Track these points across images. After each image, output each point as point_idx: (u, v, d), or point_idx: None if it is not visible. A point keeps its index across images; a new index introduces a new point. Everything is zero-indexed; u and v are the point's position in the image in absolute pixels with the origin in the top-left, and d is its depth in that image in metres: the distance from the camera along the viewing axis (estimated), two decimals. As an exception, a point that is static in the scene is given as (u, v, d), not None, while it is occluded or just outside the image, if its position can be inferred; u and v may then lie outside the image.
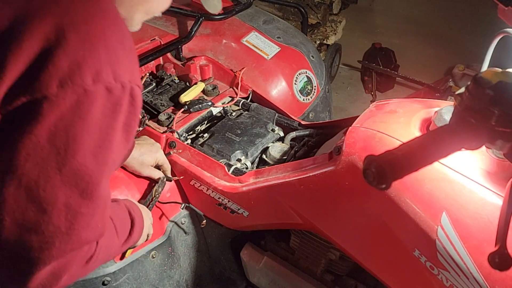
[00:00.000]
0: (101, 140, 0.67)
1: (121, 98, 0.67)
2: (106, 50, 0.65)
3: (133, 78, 0.70)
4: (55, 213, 0.66)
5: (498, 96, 0.57)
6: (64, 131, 0.63)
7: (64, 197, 0.66)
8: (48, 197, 0.65)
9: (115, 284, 1.24)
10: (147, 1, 0.82)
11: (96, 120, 0.65)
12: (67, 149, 0.64)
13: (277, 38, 1.75)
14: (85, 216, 0.69)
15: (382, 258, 1.02)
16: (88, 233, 0.71)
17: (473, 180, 0.85)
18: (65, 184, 0.66)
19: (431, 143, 0.56)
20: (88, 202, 0.69)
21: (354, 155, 0.97)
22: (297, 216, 1.15)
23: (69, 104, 0.62)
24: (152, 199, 1.22)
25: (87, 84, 0.63)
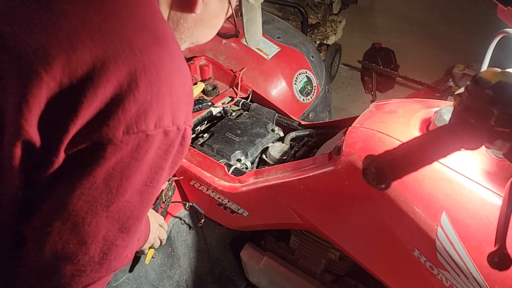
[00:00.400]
0: (149, 180, 0.69)
1: (174, 139, 0.69)
2: (170, 94, 0.66)
3: (187, 119, 0.71)
4: (93, 246, 0.67)
5: (497, 96, 0.57)
6: (120, 172, 0.64)
7: (105, 231, 0.67)
8: (91, 231, 0.66)
9: (115, 284, 1.24)
10: (195, 35, 0.86)
11: (150, 161, 0.67)
12: (119, 189, 0.65)
13: (277, 38, 1.75)
14: (119, 248, 0.71)
15: (381, 258, 1.02)
16: (118, 263, 0.73)
17: (472, 180, 0.85)
18: (109, 219, 0.67)
19: (431, 143, 0.56)
20: (125, 235, 0.70)
21: (354, 155, 0.97)
22: (297, 216, 1.15)
23: (131, 148, 0.64)
24: (162, 204, 1.22)
25: (150, 129, 0.64)
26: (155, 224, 1.12)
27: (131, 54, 0.63)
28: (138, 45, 0.64)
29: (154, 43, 0.66)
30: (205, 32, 0.88)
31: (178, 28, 0.84)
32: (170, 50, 0.68)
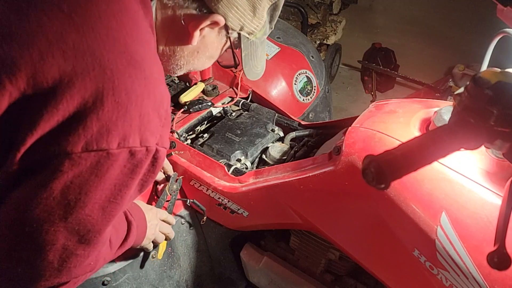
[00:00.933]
0: (112, 196, 0.68)
1: (143, 160, 0.68)
2: (139, 117, 0.66)
3: (161, 141, 0.71)
4: (51, 253, 0.68)
5: (497, 96, 0.57)
6: (78, 186, 0.64)
7: (64, 240, 0.68)
8: (49, 239, 0.67)
9: (115, 284, 1.24)
10: (191, 63, 0.87)
11: (113, 178, 0.66)
12: (77, 202, 0.66)
13: (277, 38, 1.75)
14: (79, 257, 0.71)
15: (381, 258, 1.02)
16: (79, 270, 0.73)
17: (472, 180, 0.85)
18: (68, 230, 0.67)
19: (430, 143, 0.56)
20: (85, 246, 0.71)
21: (354, 155, 0.97)
22: (296, 216, 1.15)
23: (90, 164, 0.64)
24: (169, 197, 1.22)
25: (111, 148, 0.64)
26: (154, 221, 1.11)
27: (101, 73, 0.63)
28: (111, 66, 0.64)
29: (129, 65, 0.66)
30: (202, 61, 0.89)
31: (175, 56, 0.84)
32: (146, 73, 0.68)
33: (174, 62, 0.86)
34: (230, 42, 0.87)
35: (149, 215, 1.08)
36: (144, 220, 1.04)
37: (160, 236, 1.16)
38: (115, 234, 0.89)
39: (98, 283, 1.22)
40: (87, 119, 0.62)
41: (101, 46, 0.65)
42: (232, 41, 0.88)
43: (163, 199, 1.22)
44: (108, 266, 1.21)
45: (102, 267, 1.19)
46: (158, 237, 1.15)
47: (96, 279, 1.21)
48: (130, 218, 0.97)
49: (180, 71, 0.89)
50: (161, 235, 1.16)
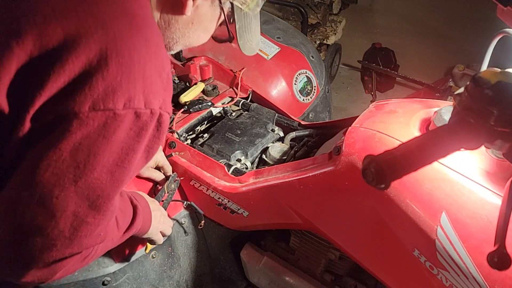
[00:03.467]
0: (120, 160, 0.69)
1: (148, 123, 0.70)
2: (142, 78, 0.68)
3: (164, 105, 0.72)
4: (62, 220, 0.68)
5: (497, 96, 0.57)
6: (87, 148, 0.65)
7: (74, 206, 0.68)
8: (59, 204, 0.67)
9: (115, 284, 1.24)
10: (187, 36, 0.87)
11: (120, 141, 0.68)
12: (86, 164, 0.66)
13: (277, 38, 1.75)
14: (90, 225, 0.71)
15: (381, 258, 1.02)
16: (89, 240, 0.73)
17: (472, 180, 0.85)
18: (78, 195, 0.68)
19: (430, 143, 0.56)
20: (96, 213, 0.71)
21: (354, 155, 0.97)
22: (296, 216, 1.15)
23: (97, 124, 0.65)
24: (164, 195, 1.22)
25: (118, 109, 0.65)
26: (158, 211, 1.11)
27: (104, 35, 0.65)
28: (114, 28, 0.66)
29: (131, 28, 0.68)
30: (197, 34, 0.89)
31: (170, 28, 0.85)
32: (147, 36, 0.70)
33: (169, 36, 0.86)
34: (223, 13, 0.88)
35: (153, 205, 1.08)
36: (148, 208, 1.04)
37: (167, 229, 1.16)
38: (122, 216, 0.90)
39: (98, 283, 1.22)
40: (92, 79, 0.64)
41: (102, 9, 0.67)
42: (226, 14, 0.88)
43: (160, 196, 1.21)
44: (108, 266, 1.22)
45: (102, 267, 1.20)
46: (165, 230, 1.15)
47: (96, 279, 1.21)
48: (135, 202, 0.98)
49: (176, 46, 0.89)
50: (168, 226, 1.16)
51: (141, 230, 1.02)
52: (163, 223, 1.14)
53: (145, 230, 1.04)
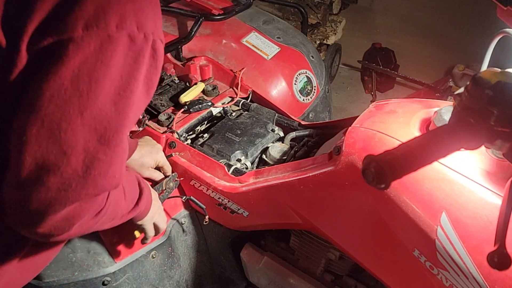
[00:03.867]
0: (122, 88, 0.69)
1: (143, 48, 0.70)
2: (131, 0, 0.68)
3: (156, 31, 0.72)
4: (74, 156, 0.68)
5: (497, 96, 0.57)
6: (87, 74, 0.65)
7: (83, 141, 0.68)
8: (68, 139, 0.67)
9: (115, 284, 1.24)
10: None
11: (118, 67, 0.68)
12: (89, 93, 0.66)
13: (277, 38, 1.75)
14: (102, 162, 0.71)
15: (381, 258, 1.02)
16: (104, 181, 0.72)
17: (472, 180, 0.85)
18: (85, 128, 0.67)
19: (430, 143, 0.56)
20: (106, 148, 0.70)
21: (354, 155, 0.97)
22: (297, 216, 1.15)
23: (93, 48, 0.65)
24: (162, 191, 1.22)
25: (111, 30, 0.66)
26: (157, 202, 1.11)
27: None
28: None
29: None
30: None
31: None
32: None
33: None
34: None
35: (153, 195, 1.09)
36: (150, 195, 1.04)
37: (162, 222, 1.15)
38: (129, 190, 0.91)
39: (98, 283, 1.22)
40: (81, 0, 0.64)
41: None
42: None
43: (157, 190, 1.20)
44: (108, 266, 1.22)
45: (102, 267, 1.20)
46: (160, 222, 1.14)
47: (96, 279, 1.21)
48: (142, 185, 0.99)
49: None
50: (163, 221, 1.15)
51: (141, 214, 1.02)
52: (158, 215, 1.13)
53: (143, 215, 1.04)
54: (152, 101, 1.44)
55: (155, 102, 1.44)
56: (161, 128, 1.35)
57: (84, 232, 0.81)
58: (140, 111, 0.78)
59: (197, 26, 1.61)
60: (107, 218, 0.83)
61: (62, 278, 1.18)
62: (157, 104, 1.43)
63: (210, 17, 1.66)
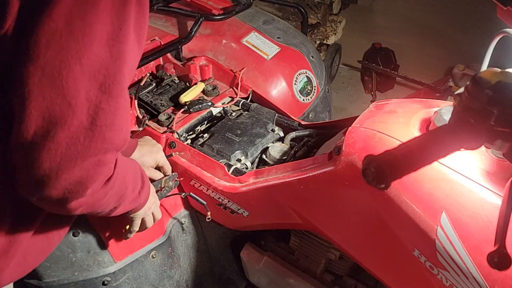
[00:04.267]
0: (114, 33, 0.70)
1: None
2: None
3: None
4: (78, 107, 0.68)
5: (497, 96, 0.57)
6: (79, 18, 0.66)
7: (85, 90, 0.68)
8: (70, 88, 0.67)
9: (115, 284, 1.24)
10: None
11: (107, 10, 0.68)
12: (84, 38, 0.67)
13: (277, 38, 1.75)
14: (106, 112, 0.71)
15: (381, 258, 1.02)
16: (111, 133, 0.73)
17: (472, 180, 0.85)
18: (85, 76, 0.68)
19: (431, 143, 0.56)
20: (108, 97, 0.71)
21: (354, 155, 0.97)
22: (297, 216, 1.15)
23: None
24: (161, 189, 1.21)
25: None
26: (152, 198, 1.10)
27: None
28: None
29: None
30: None
31: None
32: None
33: None
34: None
35: (151, 190, 1.09)
36: (149, 190, 1.05)
37: (150, 220, 1.14)
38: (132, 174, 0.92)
39: (98, 283, 1.22)
40: None
41: None
42: None
43: (155, 186, 1.20)
44: (108, 266, 1.22)
45: (102, 267, 1.20)
46: (148, 220, 1.13)
47: (96, 279, 1.21)
48: (144, 178, 1.00)
49: None
50: (151, 218, 1.14)
51: (139, 206, 1.02)
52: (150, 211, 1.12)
53: (139, 208, 1.04)
54: (152, 101, 1.44)
55: (155, 102, 1.44)
56: (161, 128, 1.35)
57: (96, 205, 0.82)
58: (135, 63, 0.79)
59: (197, 26, 1.61)
60: (115, 193, 0.84)
61: (62, 278, 1.18)
62: (157, 104, 1.43)
63: (210, 17, 1.66)
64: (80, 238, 1.18)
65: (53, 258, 1.16)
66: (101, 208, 0.85)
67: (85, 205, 0.78)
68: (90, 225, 1.18)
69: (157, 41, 1.63)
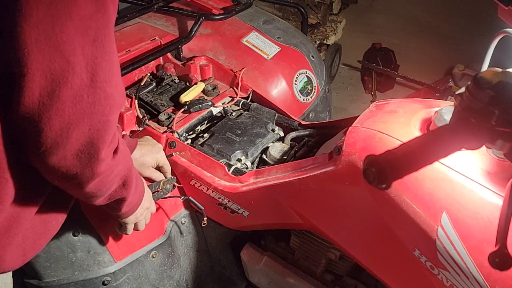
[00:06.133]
0: None
1: None
2: None
3: None
4: (76, 64, 0.69)
5: (498, 96, 0.57)
6: None
7: (80, 47, 0.69)
8: (66, 44, 0.68)
9: (115, 284, 1.24)
10: None
11: None
12: None
13: (277, 38, 1.75)
14: (103, 68, 0.72)
15: (382, 258, 1.02)
16: (110, 88, 0.74)
17: (473, 180, 0.85)
18: (77, 31, 0.68)
19: (432, 143, 0.56)
20: (102, 52, 0.72)
21: (354, 155, 0.97)
22: (297, 216, 1.15)
23: None
24: (157, 190, 1.21)
25: None
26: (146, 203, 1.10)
27: None
28: None
29: None
30: None
31: None
32: None
33: None
34: None
35: (146, 195, 1.08)
36: (142, 194, 1.05)
37: (142, 224, 1.14)
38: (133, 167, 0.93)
39: (99, 283, 1.22)
40: None
41: None
42: None
43: (152, 187, 1.20)
44: (108, 266, 1.22)
45: (102, 267, 1.20)
46: (140, 224, 1.12)
47: (96, 279, 1.21)
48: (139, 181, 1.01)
49: None
50: (143, 223, 1.14)
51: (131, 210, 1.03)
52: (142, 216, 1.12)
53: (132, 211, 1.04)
54: (152, 100, 1.44)
55: (155, 102, 1.44)
56: (161, 128, 1.35)
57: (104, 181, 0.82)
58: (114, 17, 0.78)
59: (197, 26, 1.61)
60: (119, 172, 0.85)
61: (62, 278, 1.18)
62: (157, 104, 1.43)
63: (210, 17, 1.66)
64: (80, 238, 1.18)
65: (53, 258, 1.16)
66: (106, 186, 0.86)
67: (97, 176, 0.79)
68: (90, 225, 1.18)
69: (157, 40, 1.63)
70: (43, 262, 1.15)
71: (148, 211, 1.13)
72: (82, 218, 1.13)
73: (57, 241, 1.14)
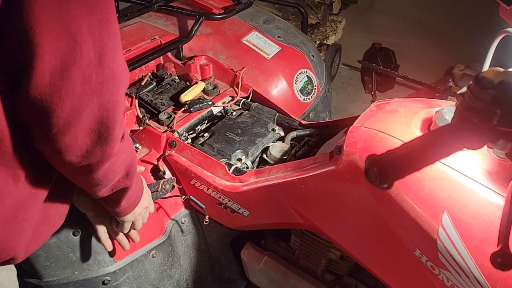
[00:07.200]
0: None
1: None
2: None
3: None
4: (84, 43, 0.69)
5: (500, 96, 0.57)
6: None
7: (87, 26, 0.69)
8: (73, 23, 0.68)
9: (115, 284, 1.24)
10: None
11: None
12: None
13: (278, 37, 1.75)
14: (109, 48, 0.72)
15: (382, 257, 1.02)
16: (116, 66, 0.74)
17: (474, 180, 0.85)
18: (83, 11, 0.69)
19: (433, 143, 0.56)
20: (108, 32, 0.72)
21: (355, 155, 0.97)
22: (297, 216, 1.15)
23: None
24: (156, 190, 1.21)
25: None
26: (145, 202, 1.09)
27: None
28: None
29: None
30: None
31: None
32: None
33: None
34: None
35: (145, 194, 1.07)
36: (141, 190, 1.04)
37: (139, 224, 1.12)
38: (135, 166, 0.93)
39: (99, 283, 1.21)
40: None
41: None
42: None
43: (151, 187, 1.19)
44: (108, 265, 1.21)
45: (103, 266, 1.20)
46: (138, 223, 1.11)
47: (96, 278, 1.21)
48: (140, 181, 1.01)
49: None
50: (140, 222, 1.13)
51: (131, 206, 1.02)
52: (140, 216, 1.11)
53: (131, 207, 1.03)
54: (152, 100, 1.44)
55: (155, 101, 1.44)
56: (161, 127, 1.35)
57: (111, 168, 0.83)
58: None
59: (198, 25, 1.61)
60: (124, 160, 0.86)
61: (62, 277, 1.18)
62: (157, 103, 1.43)
63: (211, 16, 1.65)
64: (80, 237, 1.18)
65: (53, 257, 1.16)
66: (113, 174, 0.86)
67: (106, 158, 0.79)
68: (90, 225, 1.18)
69: (158, 40, 1.63)
70: (43, 262, 1.15)
71: (147, 210, 1.13)
72: (82, 217, 1.13)
73: (57, 240, 1.14)
